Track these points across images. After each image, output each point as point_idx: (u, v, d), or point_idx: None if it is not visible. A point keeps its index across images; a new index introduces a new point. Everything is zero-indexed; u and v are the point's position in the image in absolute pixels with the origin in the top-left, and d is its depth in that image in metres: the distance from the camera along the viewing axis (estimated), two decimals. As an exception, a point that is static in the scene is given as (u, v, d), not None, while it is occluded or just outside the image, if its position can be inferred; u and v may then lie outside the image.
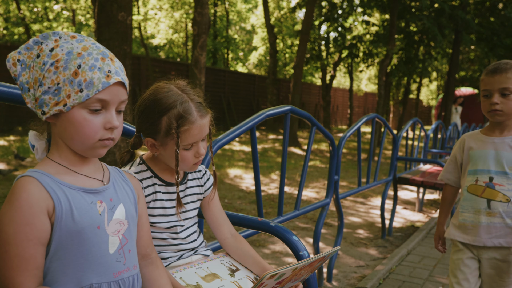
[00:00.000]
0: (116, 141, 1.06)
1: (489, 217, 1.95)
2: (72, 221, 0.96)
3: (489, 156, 1.96)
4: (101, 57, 0.99)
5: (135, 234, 1.12)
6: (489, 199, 1.95)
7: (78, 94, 0.96)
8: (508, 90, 1.90)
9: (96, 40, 5.50)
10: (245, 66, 28.19)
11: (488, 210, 1.95)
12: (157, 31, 21.85)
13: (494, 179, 1.95)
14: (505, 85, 1.89)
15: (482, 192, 1.97)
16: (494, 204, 1.94)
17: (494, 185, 1.95)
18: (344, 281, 3.27)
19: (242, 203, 5.56)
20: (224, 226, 1.50)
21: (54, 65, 0.96)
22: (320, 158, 10.93)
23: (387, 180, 4.44)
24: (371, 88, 35.41)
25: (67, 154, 1.03)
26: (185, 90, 1.33)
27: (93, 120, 0.99)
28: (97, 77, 0.97)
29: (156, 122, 1.29)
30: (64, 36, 1.00)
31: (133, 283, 1.08)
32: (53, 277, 0.97)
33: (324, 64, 17.85)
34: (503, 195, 1.93)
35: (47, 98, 0.97)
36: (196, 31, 8.45)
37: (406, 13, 12.91)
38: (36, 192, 0.94)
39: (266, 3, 15.89)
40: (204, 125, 1.32)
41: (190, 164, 1.35)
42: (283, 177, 2.48)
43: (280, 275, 1.07)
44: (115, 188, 1.09)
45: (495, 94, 1.90)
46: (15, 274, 0.92)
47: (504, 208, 1.92)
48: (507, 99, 1.90)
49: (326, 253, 1.21)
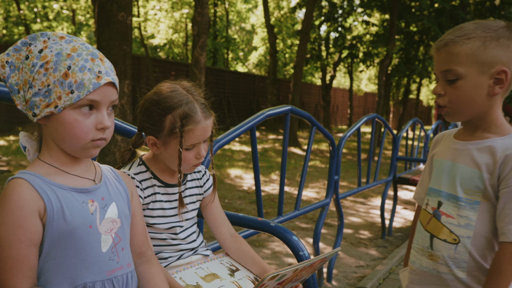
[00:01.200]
0: (108, 141, 1.06)
1: (431, 262, 1.33)
2: (64, 221, 0.97)
3: (445, 169, 1.34)
4: (90, 58, 0.98)
5: (128, 232, 1.12)
6: (432, 235, 1.34)
7: (69, 95, 0.96)
8: (452, 73, 1.24)
9: (96, 40, 5.52)
10: (245, 66, 28.18)
11: (430, 251, 1.34)
12: (157, 31, 21.85)
13: (442, 205, 1.33)
14: (447, 66, 1.25)
15: (427, 223, 1.36)
16: (437, 243, 1.32)
17: (441, 215, 1.32)
18: (344, 281, 3.27)
19: (242, 203, 5.56)
20: (224, 226, 1.50)
21: (43, 66, 0.96)
22: (320, 158, 10.93)
23: (387, 180, 4.44)
24: (371, 88, 35.40)
25: (58, 154, 1.03)
26: (190, 91, 1.33)
27: (84, 121, 0.98)
28: (88, 78, 0.96)
29: (160, 120, 1.29)
30: (53, 37, 0.99)
31: (127, 281, 1.08)
32: (47, 278, 0.97)
33: (324, 64, 17.85)
34: (450, 232, 1.29)
35: (38, 100, 0.97)
36: (196, 31, 8.45)
37: (406, 13, 12.91)
38: (27, 193, 0.94)
39: (266, 3, 15.89)
40: (207, 126, 1.32)
41: (190, 165, 1.35)
42: (283, 177, 2.48)
43: (281, 276, 1.07)
44: (107, 187, 1.09)
45: (439, 82, 1.30)
46: (9, 276, 0.92)
47: (450, 252, 1.28)
48: (454, 88, 1.25)
49: (327, 254, 1.21)
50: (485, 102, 1.25)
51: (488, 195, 1.24)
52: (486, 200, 1.24)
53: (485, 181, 1.23)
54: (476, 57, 1.21)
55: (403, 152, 10.27)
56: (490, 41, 1.20)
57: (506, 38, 1.21)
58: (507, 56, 1.21)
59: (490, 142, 1.26)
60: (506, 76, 1.21)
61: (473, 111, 1.27)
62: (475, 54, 1.21)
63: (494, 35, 1.21)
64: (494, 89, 1.23)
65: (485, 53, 1.20)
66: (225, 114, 17.96)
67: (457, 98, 1.26)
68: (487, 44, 1.20)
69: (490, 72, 1.21)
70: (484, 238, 1.25)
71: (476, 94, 1.24)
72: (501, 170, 1.21)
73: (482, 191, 1.25)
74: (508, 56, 1.21)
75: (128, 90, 5.45)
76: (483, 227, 1.25)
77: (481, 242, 1.25)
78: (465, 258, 1.26)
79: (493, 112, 1.27)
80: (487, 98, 1.24)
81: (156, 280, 1.17)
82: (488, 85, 1.23)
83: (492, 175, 1.23)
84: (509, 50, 1.21)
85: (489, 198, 1.24)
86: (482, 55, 1.21)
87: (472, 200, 1.26)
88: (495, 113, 1.28)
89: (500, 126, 1.28)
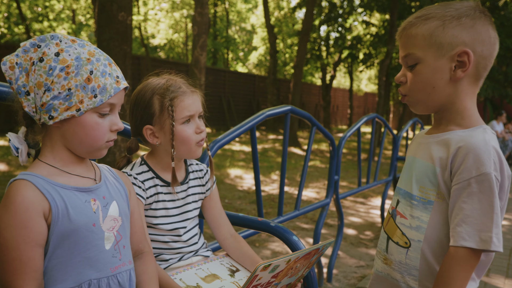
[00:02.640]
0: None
1: (385, 266, 1.22)
2: (69, 221, 0.98)
3: (406, 165, 1.25)
4: (108, 63, 1.03)
5: (128, 230, 1.14)
6: (388, 237, 1.22)
7: (92, 99, 0.99)
8: (411, 57, 1.14)
9: (96, 40, 5.52)
10: (245, 66, 28.18)
11: (385, 254, 1.23)
12: (157, 31, 21.85)
13: (399, 204, 1.21)
14: (406, 51, 1.14)
15: (386, 223, 1.25)
16: (391, 246, 1.20)
17: (396, 215, 1.21)
18: (344, 281, 3.27)
19: (242, 203, 5.56)
20: (224, 226, 1.51)
21: (64, 70, 0.97)
22: (320, 158, 10.93)
23: (387, 180, 4.44)
24: (371, 88, 35.40)
25: (62, 156, 1.04)
26: (169, 76, 1.38)
27: (103, 123, 1.03)
28: (109, 83, 1.02)
29: (149, 104, 1.32)
30: (64, 40, 1.00)
31: (130, 277, 1.10)
32: (52, 276, 0.98)
33: (324, 64, 17.85)
34: (402, 234, 1.17)
35: (57, 103, 0.98)
36: (196, 31, 8.45)
37: (406, 13, 12.91)
38: (31, 194, 0.95)
39: (266, 3, 15.89)
40: (196, 99, 1.35)
41: (191, 142, 1.33)
42: (283, 177, 2.48)
43: (274, 266, 1.06)
44: (107, 186, 1.11)
45: (402, 69, 1.19)
46: (14, 277, 0.93)
47: (402, 257, 1.16)
48: (413, 74, 1.14)
49: (321, 245, 1.20)
50: (447, 89, 1.12)
51: (442, 193, 1.10)
52: (440, 200, 1.11)
53: (438, 176, 1.10)
54: (434, 37, 1.09)
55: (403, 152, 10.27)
56: (450, 20, 1.08)
57: (470, 18, 1.08)
58: (470, 36, 1.07)
59: (449, 135, 1.12)
60: (469, 58, 1.07)
61: (435, 100, 1.14)
62: (433, 35, 1.09)
63: (455, 14, 1.08)
64: (456, 73, 1.09)
65: (444, 33, 1.08)
66: (225, 114, 17.95)
67: (416, 85, 1.13)
68: (446, 24, 1.08)
69: (450, 54, 1.08)
70: (437, 244, 1.11)
71: (436, 79, 1.11)
72: (453, 165, 1.07)
73: (436, 188, 1.11)
74: (472, 37, 1.07)
75: (128, 90, 5.46)
76: (435, 230, 1.11)
77: (433, 248, 1.11)
78: (416, 264, 1.13)
79: (460, 102, 1.13)
80: (449, 85, 1.11)
81: (143, 277, 1.18)
82: (450, 69, 1.09)
83: (445, 170, 1.09)
84: (473, 31, 1.07)
85: (443, 196, 1.10)
86: (440, 36, 1.08)
87: (425, 199, 1.13)
88: (463, 104, 1.13)
89: (467, 118, 1.13)
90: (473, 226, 1.02)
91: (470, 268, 1.03)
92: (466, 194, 1.03)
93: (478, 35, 1.08)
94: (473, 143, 1.05)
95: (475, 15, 1.09)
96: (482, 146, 1.04)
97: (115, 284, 1.05)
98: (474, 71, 1.11)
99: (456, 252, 1.03)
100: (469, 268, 1.03)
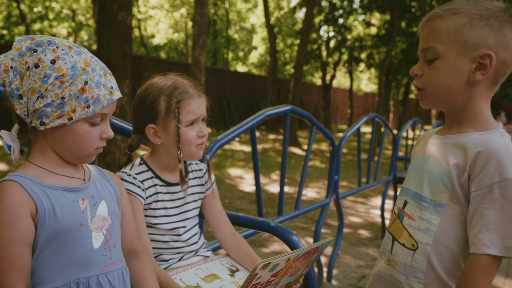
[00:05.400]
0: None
1: (388, 267, 1.20)
2: (56, 220, 0.99)
3: (416, 166, 1.20)
4: (103, 73, 1.04)
5: (119, 229, 1.15)
6: (393, 238, 1.20)
7: (84, 109, 1.00)
8: (431, 51, 1.10)
9: (96, 40, 5.51)
10: (245, 66, 28.18)
11: (389, 255, 1.20)
12: (157, 31, 21.85)
13: (407, 205, 1.18)
14: (427, 44, 1.10)
15: (391, 224, 1.22)
16: (396, 247, 1.18)
17: (404, 216, 1.18)
18: (344, 281, 3.27)
19: (242, 203, 5.56)
20: (224, 226, 1.51)
21: (59, 79, 0.97)
22: (320, 158, 10.93)
23: (387, 180, 4.44)
24: (371, 88, 35.39)
25: (51, 158, 1.05)
26: (176, 77, 1.38)
27: (93, 132, 1.04)
28: (103, 94, 1.02)
29: (155, 104, 1.32)
30: (61, 46, 1.00)
31: (122, 276, 1.11)
32: (40, 276, 0.99)
33: (324, 64, 17.84)
34: (409, 235, 1.14)
35: (50, 110, 0.98)
36: (196, 31, 8.45)
37: (406, 13, 12.91)
38: (19, 194, 0.96)
39: (266, 3, 15.88)
40: (202, 102, 1.36)
41: (192, 145, 1.34)
42: (283, 177, 2.48)
43: (273, 265, 1.06)
44: (96, 186, 1.11)
45: (419, 61, 1.15)
46: (4, 276, 0.94)
47: (407, 259, 1.14)
48: (431, 69, 1.10)
49: (320, 244, 1.20)
50: (463, 90, 1.08)
51: (456, 197, 1.08)
52: (453, 204, 1.08)
53: (453, 179, 1.07)
54: (459, 35, 1.05)
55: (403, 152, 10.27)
56: (479, 19, 1.04)
57: (499, 20, 1.04)
58: (496, 39, 1.04)
59: (465, 137, 1.09)
60: (491, 62, 1.04)
61: (449, 98, 1.11)
62: (459, 32, 1.05)
63: (485, 14, 1.04)
64: (475, 76, 1.06)
65: (470, 32, 1.04)
66: (225, 114, 17.95)
67: (432, 81, 1.09)
68: (474, 22, 1.04)
69: (473, 55, 1.05)
70: (445, 248, 1.09)
71: (454, 78, 1.08)
72: (471, 169, 1.05)
73: (450, 191, 1.09)
74: (497, 40, 1.04)
75: (128, 90, 5.44)
76: (445, 234, 1.09)
77: (442, 252, 1.09)
78: (422, 267, 1.11)
79: (475, 104, 1.10)
80: (466, 86, 1.08)
81: (141, 275, 1.18)
82: (469, 70, 1.06)
83: (462, 174, 1.06)
84: (500, 34, 1.04)
85: (457, 200, 1.08)
86: (466, 34, 1.04)
87: (437, 201, 1.10)
88: (477, 106, 1.10)
89: (482, 121, 1.10)
90: (496, 233, 1.00)
91: (493, 275, 1.02)
92: (488, 200, 1.02)
93: (503, 39, 1.05)
94: (494, 148, 1.02)
95: (504, 18, 1.05)
96: (504, 151, 1.02)
97: (106, 283, 1.06)
98: (493, 76, 1.08)
99: (478, 260, 1.02)
100: (492, 276, 1.02)
